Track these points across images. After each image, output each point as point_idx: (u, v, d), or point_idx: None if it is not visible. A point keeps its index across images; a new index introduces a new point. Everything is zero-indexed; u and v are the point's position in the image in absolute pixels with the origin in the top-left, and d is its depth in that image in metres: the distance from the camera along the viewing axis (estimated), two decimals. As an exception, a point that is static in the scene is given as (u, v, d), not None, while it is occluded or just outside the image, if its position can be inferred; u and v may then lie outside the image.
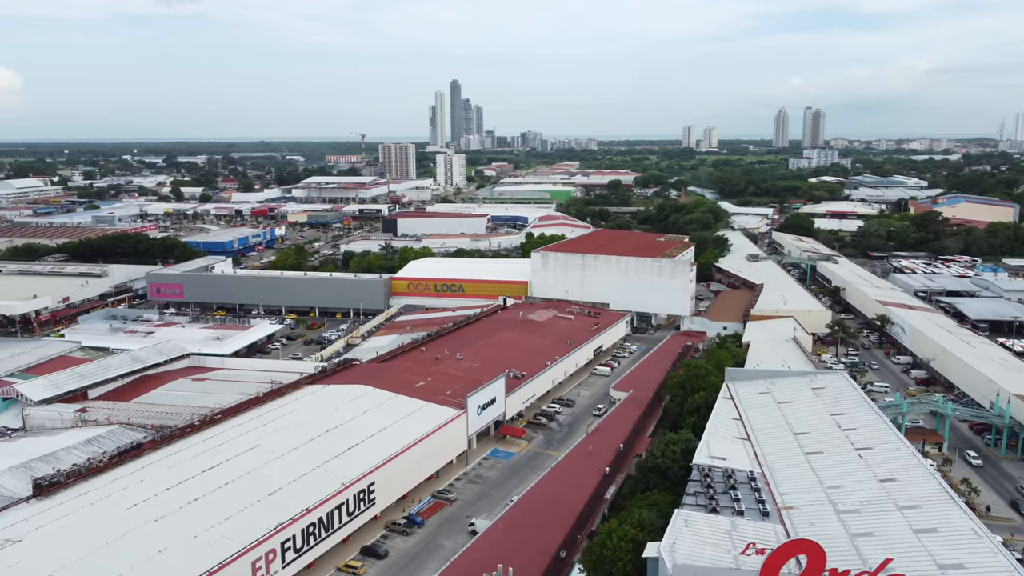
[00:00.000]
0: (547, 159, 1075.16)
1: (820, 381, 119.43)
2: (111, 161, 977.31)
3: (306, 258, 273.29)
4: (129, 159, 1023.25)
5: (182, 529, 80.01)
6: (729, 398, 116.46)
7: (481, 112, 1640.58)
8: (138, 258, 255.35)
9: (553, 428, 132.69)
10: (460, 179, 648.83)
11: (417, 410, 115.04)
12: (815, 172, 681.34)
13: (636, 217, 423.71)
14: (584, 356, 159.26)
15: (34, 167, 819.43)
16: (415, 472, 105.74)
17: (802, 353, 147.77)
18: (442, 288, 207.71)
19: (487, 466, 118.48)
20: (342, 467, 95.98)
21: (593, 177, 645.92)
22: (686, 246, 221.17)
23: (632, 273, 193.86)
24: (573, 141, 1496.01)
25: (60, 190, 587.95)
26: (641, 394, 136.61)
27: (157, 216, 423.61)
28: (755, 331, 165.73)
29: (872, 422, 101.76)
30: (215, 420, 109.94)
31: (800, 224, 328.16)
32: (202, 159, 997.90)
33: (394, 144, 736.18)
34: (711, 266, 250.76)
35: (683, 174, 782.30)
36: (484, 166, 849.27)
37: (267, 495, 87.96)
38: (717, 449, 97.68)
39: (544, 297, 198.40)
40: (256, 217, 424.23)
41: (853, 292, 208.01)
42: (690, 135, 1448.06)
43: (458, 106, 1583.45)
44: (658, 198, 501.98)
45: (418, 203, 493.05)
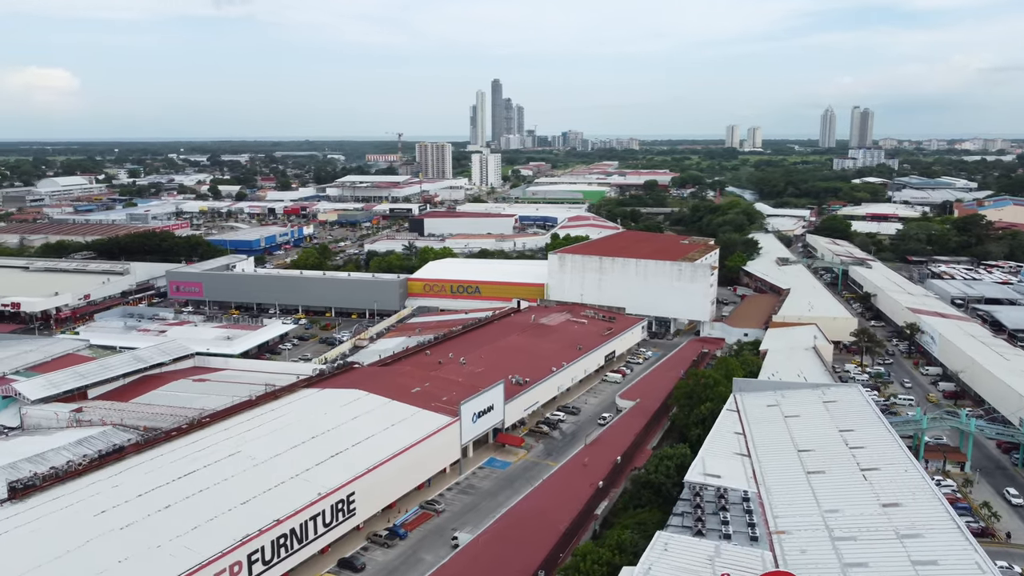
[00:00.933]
0: (586, 159, 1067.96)
1: (833, 394, 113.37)
2: (157, 160, 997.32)
3: (329, 257, 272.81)
4: (175, 158, 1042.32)
5: (146, 538, 77.90)
6: (735, 410, 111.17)
7: (522, 111, 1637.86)
8: (163, 256, 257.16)
9: (555, 437, 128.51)
10: (495, 179, 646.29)
11: (409, 417, 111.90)
12: (859, 173, 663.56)
13: (670, 218, 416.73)
14: (594, 362, 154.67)
15: (82, 165, 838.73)
16: (401, 481, 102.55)
17: (820, 363, 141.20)
18: (458, 290, 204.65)
19: (481, 476, 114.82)
20: (321, 476, 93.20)
21: (630, 177, 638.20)
22: (710, 249, 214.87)
23: (651, 276, 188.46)
24: (614, 141, 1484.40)
25: (104, 188, 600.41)
26: (648, 403, 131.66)
27: (192, 214, 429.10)
28: (774, 339, 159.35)
29: (882, 440, 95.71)
30: (203, 423, 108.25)
31: (835, 227, 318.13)
32: (245, 158, 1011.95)
33: (431, 143, 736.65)
34: (739, 270, 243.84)
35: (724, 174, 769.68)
36: (521, 165, 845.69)
37: (239, 504, 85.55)
38: (712, 466, 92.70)
39: (561, 300, 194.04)
40: (288, 216, 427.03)
41: (884, 299, 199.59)
42: (733, 135, 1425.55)
43: (499, 105, 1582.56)
44: (694, 199, 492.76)
45: (451, 202, 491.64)
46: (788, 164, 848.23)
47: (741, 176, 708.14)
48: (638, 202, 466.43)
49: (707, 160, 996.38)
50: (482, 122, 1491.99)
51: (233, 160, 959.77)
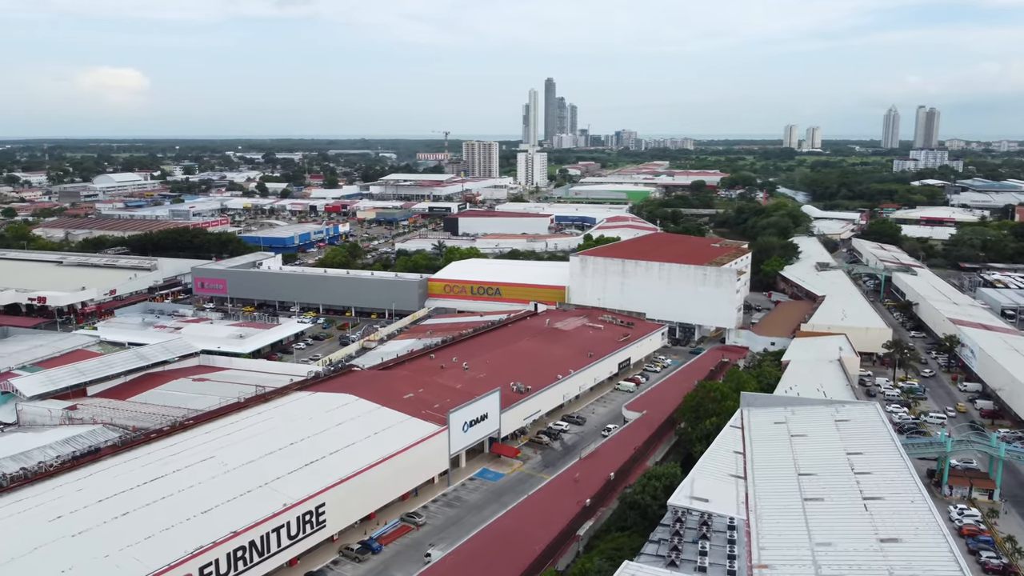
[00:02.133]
0: (638, 158, 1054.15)
1: (846, 412, 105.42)
2: (215, 157, 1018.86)
3: (360, 256, 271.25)
4: (231, 155, 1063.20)
5: (96, 547, 75.44)
6: (739, 427, 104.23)
7: (575, 111, 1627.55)
8: (195, 252, 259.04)
9: (555, 448, 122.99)
10: (541, 178, 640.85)
11: (395, 424, 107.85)
12: (919, 175, 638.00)
13: (714, 219, 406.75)
14: (606, 370, 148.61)
15: (142, 162, 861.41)
16: (381, 492, 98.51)
17: (843, 376, 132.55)
18: (478, 291, 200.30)
19: (471, 488, 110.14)
20: (291, 485, 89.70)
21: (678, 177, 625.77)
22: (742, 253, 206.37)
23: (674, 281, 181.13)
24: (668, 140, 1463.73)
25: (157, 184, 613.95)
26: (655, 415, 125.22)
27: (235, 211, 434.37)
28: (799, 349, 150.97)
29: (892, 466, 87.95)
30: (186, 426, 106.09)
31: (884, 231, 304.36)
32: (298, 156, 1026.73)
33: (477, 142, 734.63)
34: (775, 274, 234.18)
35: (778, 175, 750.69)
36: (570, 165, 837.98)
37: (200, 513, 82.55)
38: (702, 488, 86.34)
39: (582, 303, 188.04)
40: (329, 213, 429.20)
41: (926, 308, 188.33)
42: (791, 135, 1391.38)
43: (552, 104, 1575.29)
44: (742, 200, 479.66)
45: (492, 201, 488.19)
46: (846, 165, 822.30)
47: (795, 177, 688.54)
48: (683, 203, 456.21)
49: (762, 161, 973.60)
50: (534, 121, 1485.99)
51: (287, 158, 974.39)
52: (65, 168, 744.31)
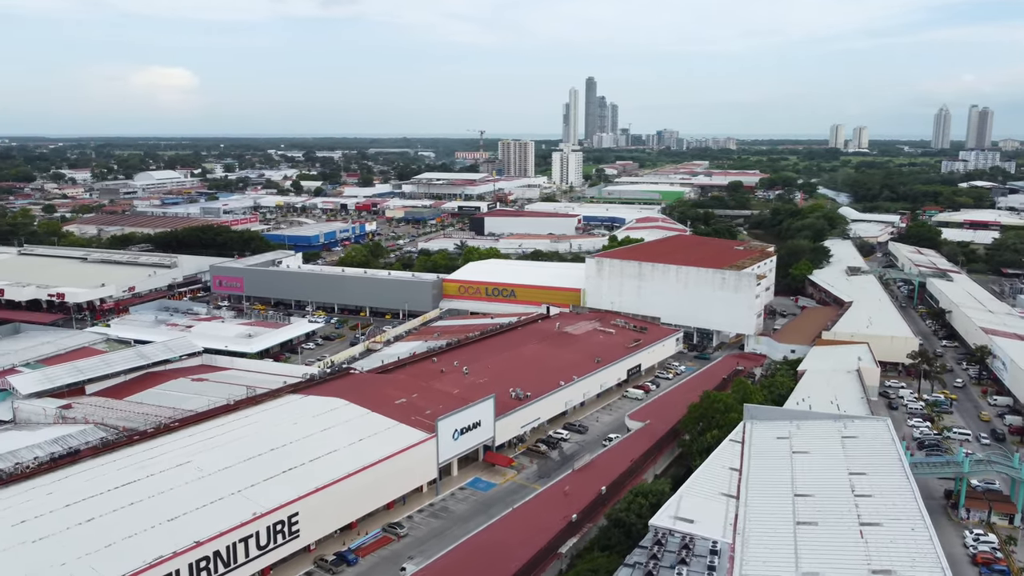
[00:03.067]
0: (678, 158, 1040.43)
1: (855, 428, 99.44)
2: (256, 155, 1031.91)
3: (383, 255, 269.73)
4: (273, 153, 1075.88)
5: (54, 555, 73.65)
6: (739, 441, 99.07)
7: (616, 110, 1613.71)
8: (217, 250, 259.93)
9: (553, 457, 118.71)
10: (576, 177, 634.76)
11: (382, 431, 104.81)
12: (967, 176, 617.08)
13: (749, 221, 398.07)
14: (613, 376, 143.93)
15: (185, 160, 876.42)
16: (360, 502, 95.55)
17: (860, 389, 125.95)
18: (493, 292, 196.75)
19: (460, 498, 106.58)
20: (264, 493, 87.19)
21: (716, 178, 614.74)
22: (766, 256, 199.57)
23: (692, 285, 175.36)
24: (710, 140, 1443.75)
25: (196, 182, 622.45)
26: (658, 426, 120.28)
27: (267, 208, 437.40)
28: (817, 358, 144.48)
29: (896, 488, 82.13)
30: (170, 428, 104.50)
31: (923, 234, 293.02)
32: (338, 154, 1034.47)
33: (514, 141, 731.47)
34: (805, 279, 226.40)
35: (821, 176, 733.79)
36: (607, 164, 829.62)
37: (166, 520, 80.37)
38: (688, 508, 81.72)
39: (598, 307, 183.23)
40: (360, 212, 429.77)
41: (959, 316, 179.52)
42: (838, 135, 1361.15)
43: (593, 103, 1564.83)
44: (780, 201, 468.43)
45: (524, 201, 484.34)
46: (892, 166, 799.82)
47: (837, 178, 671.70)
48: (718, 204, 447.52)
49: (805, 161, 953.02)
50: (574, 120, 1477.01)
51: (326, 156, 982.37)
52: (110, 165, 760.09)
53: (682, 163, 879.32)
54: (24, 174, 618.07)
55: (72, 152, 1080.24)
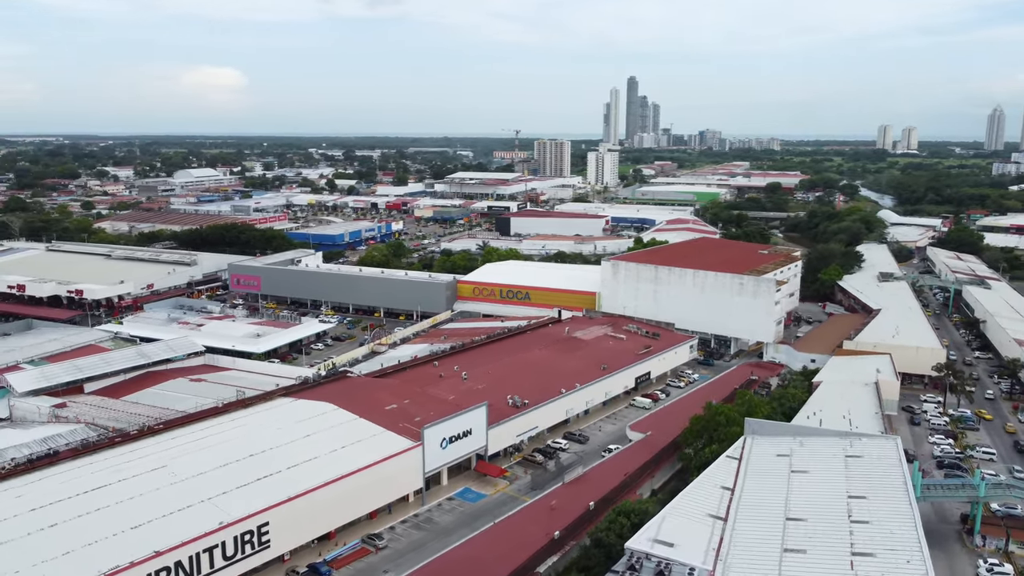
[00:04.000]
0: (719, 159, 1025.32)
1: (861, 447, 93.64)
2: (298, 154, 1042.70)
3: (405, 255, 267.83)
4: (313, 152, 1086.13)
5: (8, 563, 71.83)
6: (736, 458, 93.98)
7: (658, 109, 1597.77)
8: (240, 248, 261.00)
9: (549, 468, 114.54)
10: (612, 177, 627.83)
11: (367, 438, 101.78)
12: (1020, 179, 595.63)
13: (785, 223, 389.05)
14: (620, 384, 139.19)
15: (226, 158, 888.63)
16: (337, 511, 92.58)
17: (876, 403, 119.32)
18: (507, 295, 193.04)
19: (447, 509, 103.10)
20: (236, 501, 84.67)
21: (754, 179, 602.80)
22: (790, 260, 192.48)
23: (709, 290, 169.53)
24: (753, 140, 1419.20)
25: (234, 180, 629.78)
26: (660, 437, 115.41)
27: (299, 207, 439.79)
28: (835, 369, 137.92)
29: (896, 515, 76.56)
30: (154, 430, 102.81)
31: (964, 239, 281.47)
32: (377, 153, 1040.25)
33: (550, 140, 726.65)
34: (834, 284, 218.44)
35: (865, 177, 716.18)
36: (645, 165, 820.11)
37: (129, 528, 78.28)
38: (670, 530, 77.01)
39: (613, 311, 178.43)
40: (390, 211, 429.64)
41: (993, 326, 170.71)
42: (886, 135, 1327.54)
43: (634, 103, 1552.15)
44: (820, 203, 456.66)
45: (556, 201, 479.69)
46: (940, 168, 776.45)
47: (882, 180, 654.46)
48: (754, 205, 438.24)
49: (850, 162, 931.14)
50: (615, 120, 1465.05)
51: (365, 155, 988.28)
52: (153, 163, 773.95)
53: (722, 164, 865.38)
54: (70, 171, 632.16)
55: (121, 150, 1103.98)
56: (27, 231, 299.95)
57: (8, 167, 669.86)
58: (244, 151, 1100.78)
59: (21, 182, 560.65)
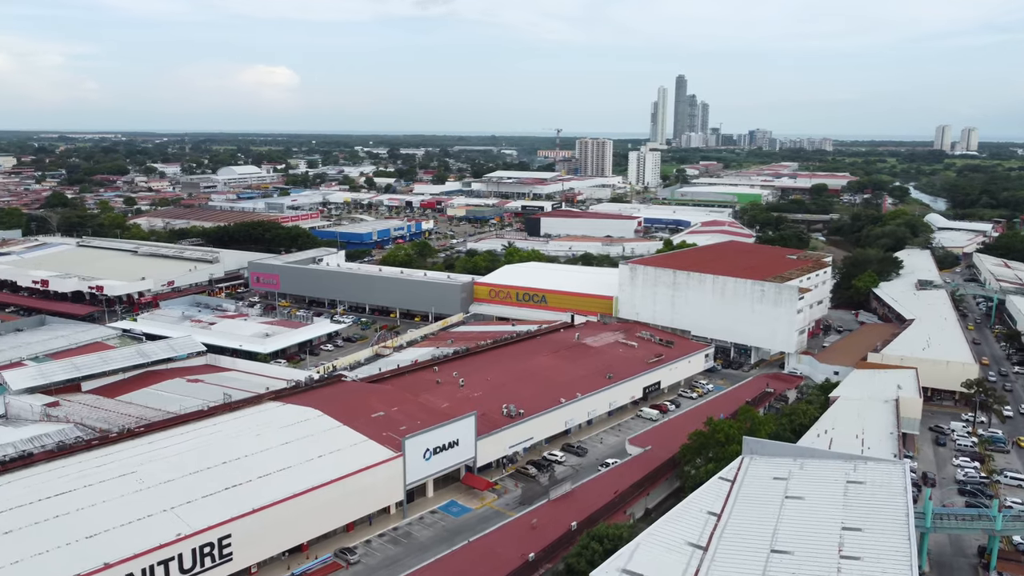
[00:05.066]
0: (768, 159, 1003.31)
1: (864, 472, 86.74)
2: (343, 152, 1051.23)
3: (430, 255, 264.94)
4: (359, 150, 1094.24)
5: (-49, 571, 70.15)
6: (729, 480, 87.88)
7: (707, 109, 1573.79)
8: (265, 246, 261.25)
9: (541, 482, 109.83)
10: (653, 177, 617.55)
11: (347, 447, 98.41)
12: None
13: (828, 226, 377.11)
14: (626, 393, 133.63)
15: (273, 156, 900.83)
16: (308, 523, 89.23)
17: (893, 422, 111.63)
18: (523, 297, 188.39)
19: (428, 522, 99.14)
20: (199, 511, 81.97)
21: (800, 180, 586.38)
22: (819, 266, 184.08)
23: (729, 296, 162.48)
24: (805, 140, 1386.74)
25: (277, 177, 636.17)
26: (660, 452, 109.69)
27: (335, 205, 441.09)
28: (854, 384, 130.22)
29: (892, 551, 70.07)
30: (134, 433, 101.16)
31: (1014, 245, 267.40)
32: (421, 152, 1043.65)
33: (592, 139, 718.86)
34: (869, 292, 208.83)
35: (919, 179, 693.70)
36: (690, 165, 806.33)
37: (84, 537, 76.13)
38: (643, 560, 71.70)
39: (631, 316, 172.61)
40: (424, 209, 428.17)
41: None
42: (944, 136, 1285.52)
43: (683, 102, 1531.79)
44: (865, 206, 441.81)
45: (593, 201, 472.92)
46: (1000, 170, 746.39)
47: (935, 182, 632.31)
48: (797, 207, 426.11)
49: (904, 164, 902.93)
50: (662, 119, 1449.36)
51: (409, 153, 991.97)
52: (200, 160, 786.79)
53: (769, 164, 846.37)
54: (118, 167, 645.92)
55: (173, 147, 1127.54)
56: (64, 226, 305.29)
57: (61, 163, 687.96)
58: (292, 149, 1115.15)
59: (72, 178, 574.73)
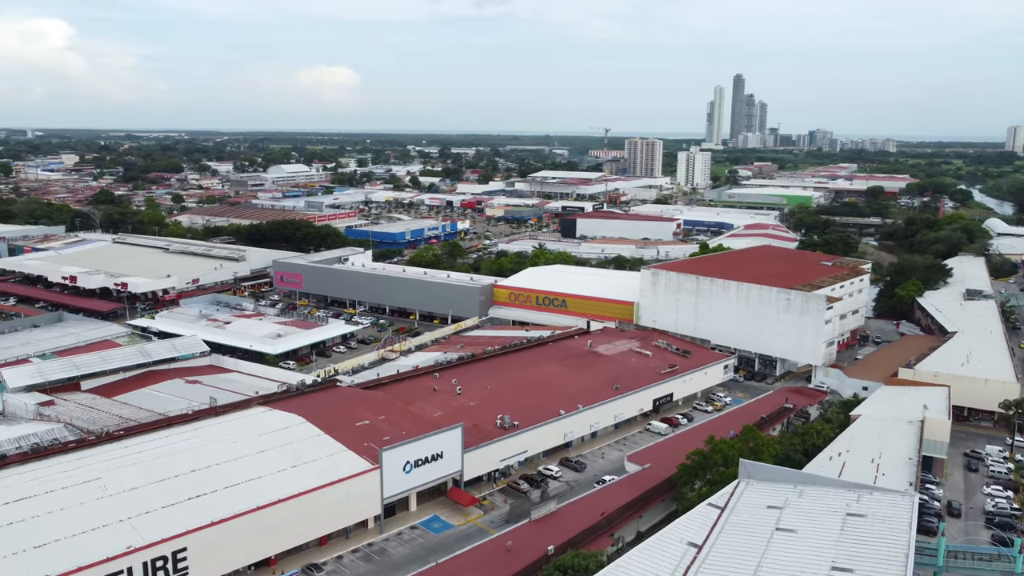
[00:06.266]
0: (827, 160, 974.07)
1: (867, 504, 79.15)
2: (395, 151, 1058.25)
3: (461, 255, 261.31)
4: (411, 149, 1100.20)
5: None
6: (719, 507, 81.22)
7: (765, 108, 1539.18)
8: (296, 244, 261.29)
9: (533, 498, 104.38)
10: (703, 178, 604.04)
11: (324, 457, 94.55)
12: None
13: (880, 231, 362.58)
14: (634, 406, 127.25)
15: (326, 154, 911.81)
16: (272, 538, 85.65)
17: (915, 446, 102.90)
18: (543, 301, 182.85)
19: (406, 539, 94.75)
20: (155, 522, 79.08)
21: (856, 182, 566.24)
22: (855, 274, 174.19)
23: (753, 304, 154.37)
24: (867, 141, 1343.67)
25: (324, 176, 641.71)
26: (659, 471, 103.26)
27: (376, 203, 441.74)
28: (879, 402, 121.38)
29: (884, 596, 62.80)
30: (114, 436, 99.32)
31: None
32: (472, 151, 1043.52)
33: (641, 139, 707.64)
34: (914, 301, 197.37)
35: (985, 182, 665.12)
36: (742, 166, 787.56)
37: (32, 547, 73.81)
38: (604, 595, 65.85)
39: (652, 323, 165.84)
40: (464, 209, 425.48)
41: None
42: (1015, 137, 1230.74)
43: (740, 102, 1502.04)
44: (923, 210, 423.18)
45: (636, 202, 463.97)
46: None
47: (1002, 185, 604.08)
48: (850, 210, 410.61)
49: (971, 166, 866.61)
50: (719, 119, 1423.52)
51: (460, 153, 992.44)
52: (254, 159, 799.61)
53: (828, 165, 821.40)
54: (173, 165, 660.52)
55: (232, 146, 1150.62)
56: (106, 223, 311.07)
57: (119, 161, 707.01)
58: (346, 148, 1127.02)
59: (127, 175, 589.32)
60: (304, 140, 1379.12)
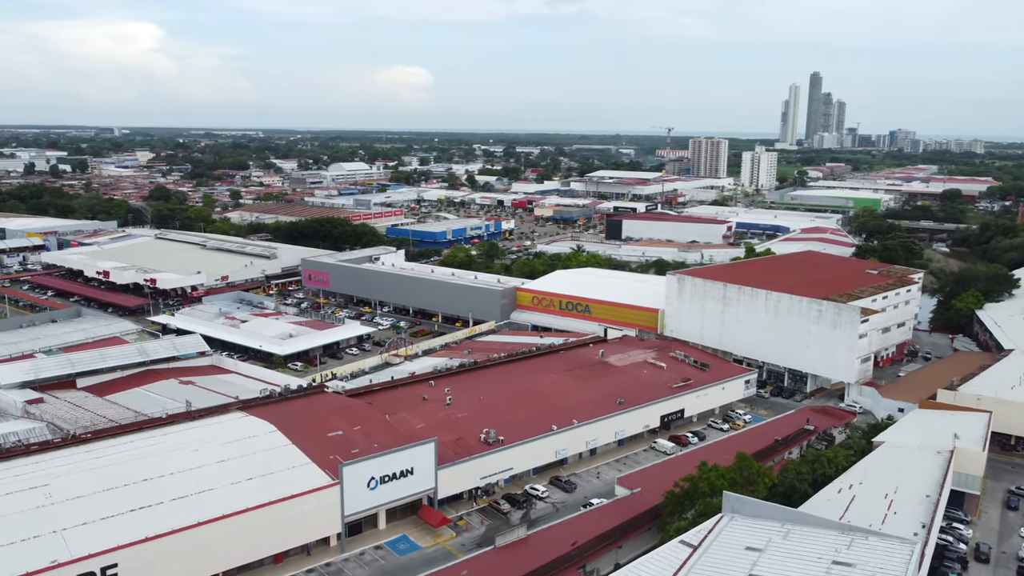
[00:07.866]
0: (906, 161, 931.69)
1: (859, 550, 69.52)
2: (460, 150, 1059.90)
3: (499, 256, 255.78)
4: (476, 148, 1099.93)
5: None
6: (691, 545, 72.84)
7: (843, 108, 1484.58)
8: (332, 242, 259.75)
9: (512, 520, 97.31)
10: (768, 179, 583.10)
11: (285, 469, 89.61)
12: None
13: (952, 236, 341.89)
14: (639, 422, 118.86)
15: (388, 153, 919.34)
16: (215, 555, 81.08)
17: (939, 481, 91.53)
18: (566, 306, 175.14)
19: (367, 560, 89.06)
20: (88, 536, 75.41)
21: (933, 184, 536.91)
22: (903, 283, 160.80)
23: (783, 315, 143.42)
24: (952, 142, 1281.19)
25: (384, 174, 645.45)
26: (649, 496, 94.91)
27: (428, 202, 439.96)
28: (909, 427, 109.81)
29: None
30: (80, 439, 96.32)
31: None
32: (536, 150, 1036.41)
33: (705, 139, 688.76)
34: (973, 315, 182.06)
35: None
36: (813, 167, 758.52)
37: (-47, 559, 70.80)
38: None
39: (678, 331, 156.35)
40: (515, 209, 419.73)
41: None
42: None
43: (816, 101, 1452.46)
44: (1001, 214, 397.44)
45: (695, 203, 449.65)
46: None
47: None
48: (922, 214, 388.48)
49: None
50: (793, 119, 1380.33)
51: (524, 152, 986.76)
52: (319, 156, 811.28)
53: (905, 167, 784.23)
54: (239, 163, 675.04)
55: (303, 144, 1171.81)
56: (156, 218, 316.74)
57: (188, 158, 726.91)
58: (413, 146, 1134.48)
59: (194, 171, 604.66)
60: (374, 139, 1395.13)
